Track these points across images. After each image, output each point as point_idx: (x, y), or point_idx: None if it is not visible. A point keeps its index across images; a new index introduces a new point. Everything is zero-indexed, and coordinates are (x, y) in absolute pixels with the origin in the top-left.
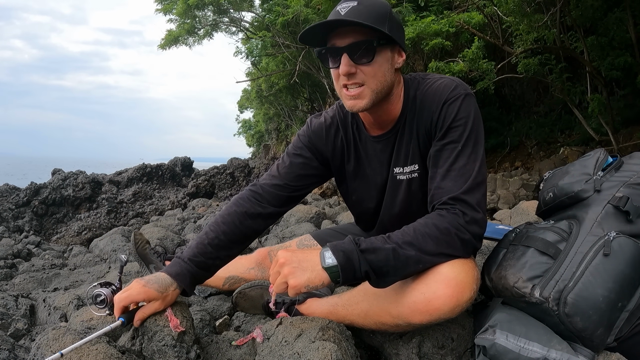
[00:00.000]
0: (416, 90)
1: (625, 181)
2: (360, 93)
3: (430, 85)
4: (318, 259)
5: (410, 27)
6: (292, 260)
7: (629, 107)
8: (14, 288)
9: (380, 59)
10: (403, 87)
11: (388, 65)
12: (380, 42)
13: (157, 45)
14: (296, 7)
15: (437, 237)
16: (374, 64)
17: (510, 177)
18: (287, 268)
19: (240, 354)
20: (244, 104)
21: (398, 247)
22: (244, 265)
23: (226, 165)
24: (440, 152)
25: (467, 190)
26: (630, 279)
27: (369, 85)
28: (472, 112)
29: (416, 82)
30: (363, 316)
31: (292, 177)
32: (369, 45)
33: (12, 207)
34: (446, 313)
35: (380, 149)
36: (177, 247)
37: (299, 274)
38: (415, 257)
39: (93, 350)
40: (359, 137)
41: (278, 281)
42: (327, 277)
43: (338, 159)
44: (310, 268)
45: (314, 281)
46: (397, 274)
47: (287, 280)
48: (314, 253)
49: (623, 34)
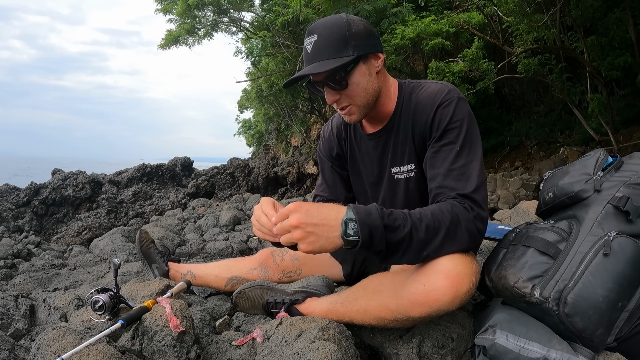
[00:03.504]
0: (411, 93)
1: (625, 181)
2: (349, 110)
3: (424, 89)
4: (337, 226)
5: (410, 27)
6: (306, 224)
7: (629, 107)
8: (14, 288)
9: (356, 79)
10: (397, 85)
11: (367, 78)
12: (349, 67)
13: (157, 45)
14: (296, 7)
15: (448, 227)
16: (352, 85)
17: (510, 177)
18: (299, 232)
19: (240, 354)
20: (244, 104)
21: (414, 230)
22: (246, 266)
23: (226, 165)
24: (437, 153)
25: (474, 189)
26: (630, 279)
27: (355, 102)
28: (466, 115)
29: (411, 86)
30: (362, 312)
31: (332, 184)
32: (341, 74)
33: (12, 207)
34: (446, 304)
35: (372, 147)
36: (177, 247)
37: (312, 240)
38: (425, 244)
39: (93, 350)
40: (355, 136)
41: (286, 240)
42: (342, 244)
43: (346, 158)
44: (326, 235)
45: (326, 249)
46: (403, 257)
47: (298, 244)
48: (332, 216)
49: (623, 34)
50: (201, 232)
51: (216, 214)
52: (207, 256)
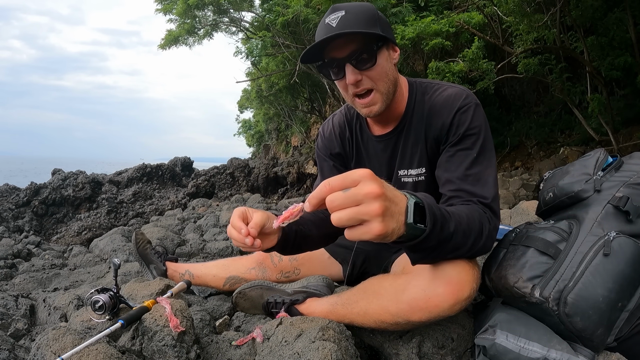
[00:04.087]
0: (424, 94)
1: (625, 181)
2: (372, 99)
3: (440, 92)
4: (404, 209)
5: (410, 27)
6: (386, 196)
7: (629, 107)
8: (14, 288)
9: (382, 60)
10: (407, 86)
11: (389, 64)
12: (378, 45)
13: (157, 46)
14: (296, 7)
15: (476, 237)
16: (377, 67)
17: (510, 177)
18: (378, 205)
19: (240, 354)
20: (244, 104)
21: (455, 232)
22: (244, 266)
23: (226, 165)
24: (452, 157)
25: (493, 198)
26: (630, 279)
27: (378, 88)
28: (484, 122)
29: (423, 86)
30: (362, 315)
31: None
32: (369, 50)
33: (12, 207)
34: (445, 310)
35: (381, 149)
36: (177, 247)
37: (388, 218)
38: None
39: (93, 350)
40: (361, 137)
41: (353, 215)
42: (402, 233)
43: (350, 158)
44: (397, 218)
45: (392, 236)
46: (437, 257)
47: (372, 221)
48: (398, 195)
49: (623, 34)
50: (201, 232)
51: (216, 214)
52: (207, 256)
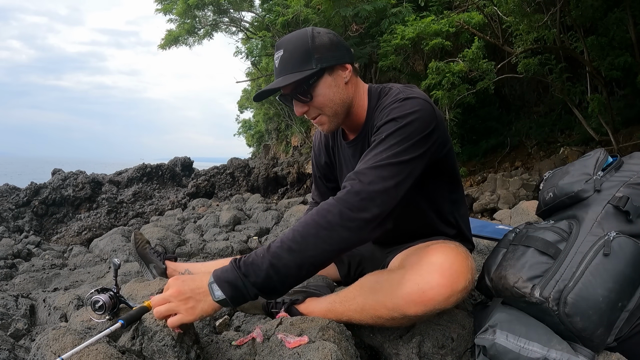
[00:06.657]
0: (378, 98)
1: (625, 181)
2: (320, 120)
3: (390, 96)
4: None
5: (410, 27)
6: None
7: (629, 107)
8: (14, 288)
9: (321, 90)
10: (367, 93)
11: (333, 89)
12: (312, 80)
13: (157, 46)
14: (296, 7)
15: (317, 235)
16: (317, 97)
17: (510, 177)
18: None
19: (240, 354)
20: (244, 104)
21: (276, 260)
22: None
23: (226, 165)
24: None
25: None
26: (630, 279)
27: (324, 112)
28: (411, 113)
29: (378, 90)
30: (360, 311)
31: (324, 191)
32: (305, 88)
33: (12, 207)
34: (441, 303)
35: (351, 155)
36: (177, 247)
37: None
38: (296, 264)
39: (93, 351)
40: (340, 144)
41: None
42: (220, 306)
43: (335, 166)
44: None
45: (209, 312)
46: (284, 286)
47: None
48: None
49: (623, 34)
50: (201, 232)
51: (216, 214)
52: (207, 256)
